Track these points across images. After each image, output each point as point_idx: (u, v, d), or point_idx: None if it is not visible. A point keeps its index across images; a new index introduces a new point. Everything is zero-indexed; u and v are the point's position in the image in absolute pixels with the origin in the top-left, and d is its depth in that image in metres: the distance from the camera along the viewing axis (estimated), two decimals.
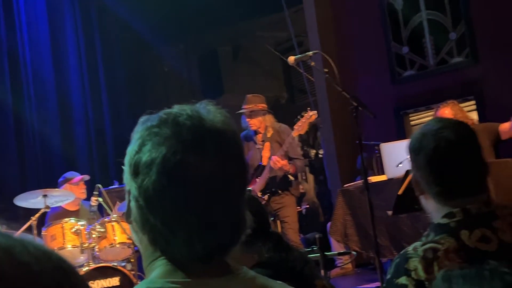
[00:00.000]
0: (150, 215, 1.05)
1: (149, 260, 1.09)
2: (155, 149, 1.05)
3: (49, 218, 5.86)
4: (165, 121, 1.08)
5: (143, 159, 1.06)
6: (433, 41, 7.06)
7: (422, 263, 1.57)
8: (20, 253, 0.62)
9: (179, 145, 1.04)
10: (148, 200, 1.05)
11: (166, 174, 1.03)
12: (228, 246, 1.08)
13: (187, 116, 1.07)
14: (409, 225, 4.95)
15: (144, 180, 1.05)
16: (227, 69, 9.01)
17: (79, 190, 6.07)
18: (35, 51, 7.57)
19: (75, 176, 6.14)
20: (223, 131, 1.08)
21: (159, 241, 1.07)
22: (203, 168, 1.04)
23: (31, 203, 5.48)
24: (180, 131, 1.05)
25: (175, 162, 1.03)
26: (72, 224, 5.41)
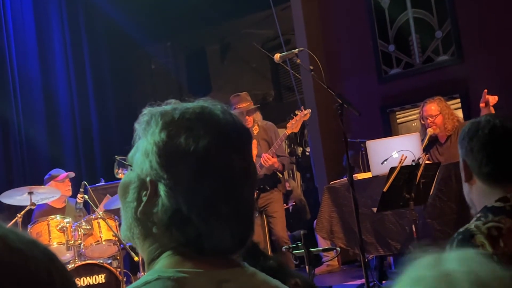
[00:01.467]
0: (184, 205, 1.05)
1: (153, 252, 1.10)
2: (192, 140, 1.06)
3: (35, 215, 5.83)
4: (200, 114, 1.09)
5: (179, 149, 1.06)
6: (419, 39, 7.10)
7: (489, 239, 1.62)
8: (13, 240, 0.66)
9: (215, 138, 1.07)
10: (184, 190, 1.05)
11: (204, 165, 1.05)
12: (249, 238, 1.12)
13: (220, 111, 1.11)
14: (394, 222, 4.98)
15: (181, 170, 1.05)
16: (215, 67, 9.01)
17: (65, 187, 6.04)
18: (22, 50, 7.53)
19: (61, 173, 6.11)
20: (246, 128, 1.14)
21: (188, 232, 1.06)
22: (236, 162, 1.08)
23: (17, 200, 5.46)
24: (216, 125, 1.08)
25: (213, 154, 1.06)
26: (58, 221, 5.39)
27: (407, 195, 4.28)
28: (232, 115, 1.12)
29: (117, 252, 5.51)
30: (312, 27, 7.45)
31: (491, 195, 1.74)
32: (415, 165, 4.29)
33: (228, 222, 1.07)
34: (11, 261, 0.64)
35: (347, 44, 7.49)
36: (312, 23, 7.47)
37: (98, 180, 6.70)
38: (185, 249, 1.07)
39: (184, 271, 1.04)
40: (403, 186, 4.28)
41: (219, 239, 1.07)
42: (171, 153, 1.07)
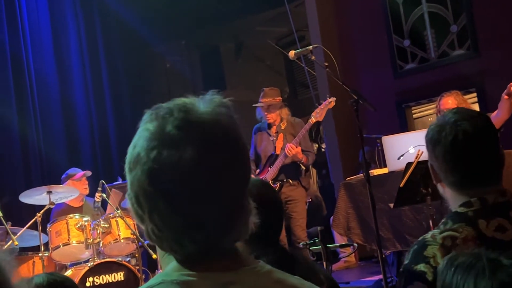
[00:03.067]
0: (140, 211, 1.05)
1: (162, 253, 1.09)
2: (139, 145, 1.05)
3: (54, 215, 5.89)
4: (154, 116, 1.06)
5: (133, 155, 1.06)
6: (434, 34, 7.06)
7: (441, 250, 1.59)
8: None
9: (158, 140, 1.02)
10: (137, 197, 1.04)
11: (146, 171, 1.01)
12: (222, 243, 1.06)
13: (174, 110, 1.05)
14: (411, 217, 4.97)
15: (132, 177, 1.05)
16: (229, 64, 9.03)
17: (82, 186, 6.09)
18: (38, 53, 7.60)
19: (77, 172, 6.16)
20: (208, 122, 1.03)
21: (152, 238, 1.06)
22: (181, 164, 1.00)
23: (36, 200, 5.52)
24: (163, 126, 1.03)
25: (152, 158, 1.01)
26: (76, 220, 5.44)
27: (424, 190, 4.26)
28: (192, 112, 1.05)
29: (135, 250, 5.55)
30: (326, 23, 7.44)
31: (457, 199, 1.71)
32: None
33: (184, 230, 1.03)
34: None
35: (361, 39, 7.47)
36: (326, 19, 7.46)
37: (115, 179, 6.75)
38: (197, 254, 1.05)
39: (189, 274, 1.03)
40: (420, 181, 4.26)
41: (180, 247, 1.04)
42: (128, 159, 1.07)
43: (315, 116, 5.54)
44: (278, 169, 5.66)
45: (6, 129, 7.18)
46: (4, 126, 7.15)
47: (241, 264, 1.08)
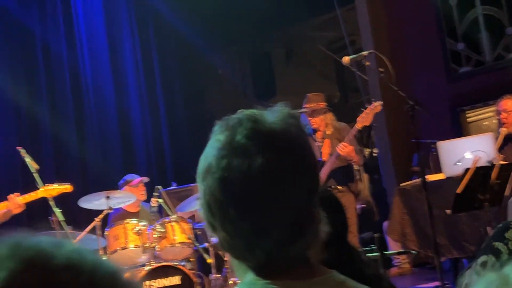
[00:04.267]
0: (212, 220, 1.09)
1: (235, 261, 1.12)
2: (210, 155, 1.08)
3: (111, 219, 6.03)
4: (224, 127, 1.10)
5: (204, 165, 1.09)
6: (489, 36, 6.94)
7: None
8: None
9: (228, 150, 1.06)
10: (209, 206, 1.08)
11: (217, 180, 1.05)
12: (291, 251, 1.07)
13: (243, 120, 1.09)
14: (468, 223, 4.90)
15: (204, 186, 1.08)
16: (280, 70, 9.06)
17: (139, 191, 6.22)
18: (95, 64, 7.81)
19: (135, 178, 6.30)
20: (276, 132, 1.07)
21: (224, 246, 1.10)
22: (251, 172, 1.03)
23: (95, 205, 5.66)
24: (233, 136, 1.07)
25: (223, 167, 1.05)
26: (134, 225, 5.56)
27: (481, 196, 4.20)
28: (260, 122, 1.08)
29: (190, 254, 5.63)
30: (378, 28, 7.40)
31: None
32: (490, 165, 4.21)
33: (252, 237, 1.05)
34: None
35: (414, 43, 7.39)
36: (378, 23, 7.42)
37: (169, 185, 6.86)
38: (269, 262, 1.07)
39: (273, 282, 1.05)
40: (478, 188, 4.20)
41: (249, 253, 1.07)
42: (199, 169, 1.10)
43: (360, 121, 5.47)
44: (327, 175, 5.59)
45: (65, 139, 7.40)
46: (63, 136, 7.38)
47: (313, 273, 1.10)
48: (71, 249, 0.68)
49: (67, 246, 0.68)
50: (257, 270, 1.09)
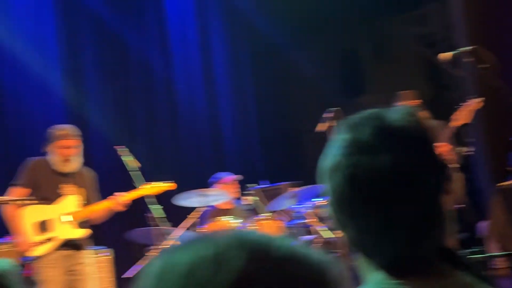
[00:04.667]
0: (341, 217, 1.10)
1: (363, 260, 1.12)
2: (337, 154, 1.10)
3: (205, 217, 6.16)
4: (349, 126, 1.12)
5: (328, 165, 1.11)
6: None
7: None
8: None
9: (354, 147, 1.08)
10: (337, 204, 1.10)
11: (345, 178, 1.07)
12: (420, 249, 1.08)
13: (368, 119, 1.11)
14: None
15: (331, 184, 1.10)
16: (368, 68, 8.95)
17: (232, 189, 6.31)
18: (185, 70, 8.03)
19: (227, 176, 6.41)
20: (402, 129, 1.08)
21: (353, 243, 1.11)
22: (379, 169, 1.05)
23: (189, 202, 5.81)
24: (359, 134, 1.09)
25: (351, 165, 1.07)
26: (227, 222, 5.65)
27: None
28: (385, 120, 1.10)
29: None
30: (473, 21, 7.15)
31: None
32: None
33: (380, 233, 1.06)
34: None
35: None
36: (473, 17, 7.17)
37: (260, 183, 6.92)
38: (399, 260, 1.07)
39: (405, 282, 1.05)
40: None
41: (378, 250, 1.07)
42: (324, 169, 1.12)
43: (455, 119, 5.32)
44: None
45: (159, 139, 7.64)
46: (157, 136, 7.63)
47: (441, 274, 1.09)
48: (288, 242, 0.72)
49: (284, 239, 0.73)
50: (387, 269, 1.09)
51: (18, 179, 4.84)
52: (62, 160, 4.83)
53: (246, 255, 0.68)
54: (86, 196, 4.95)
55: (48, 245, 4.71)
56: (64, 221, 4.76)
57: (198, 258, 0.69)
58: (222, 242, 0.71)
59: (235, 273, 0.67)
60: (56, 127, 4.96)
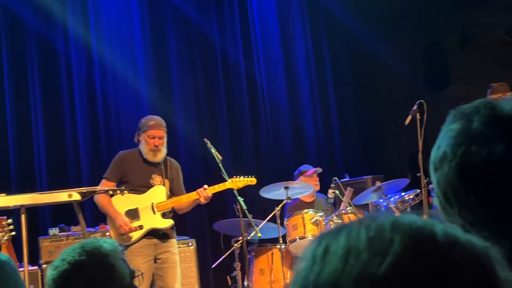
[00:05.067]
0: (449, 209, 1.07)
1: None
2: (445, 144, 1.08)
3: (288, 209, 6.20)
4: (459, 116, 1.10)
5: (438, 155, 1.09)
6: None
7: None
8: None
9: (464, 137, 1.05)
10: (446, 195, 1.07)
11: (454, 168, 1.05)
12: None
13: (479, 108, 1.08)
14: None
15: (439, 175, 1.08)
16: (453, 59, 8.70)
17: (313, 182, 6.32)
18: (270, 72, 8.08)
19: (309, 169, 6.41)
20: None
21: None
22: (492, 158, 1.02)
23: (274, 195, 5.85)
24: (469, 123, 1.06)
25: (460, 155, 1.04)
26: (311, 215, 5.67)
27: None
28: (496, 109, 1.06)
29: None
30: None
31: None
32: None
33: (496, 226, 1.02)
34: None
35: None
36: None
37: (342, 176, 6.89)
38: None
39: None
40: None
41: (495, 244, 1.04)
42: (433, 160, 1.09)
43: None
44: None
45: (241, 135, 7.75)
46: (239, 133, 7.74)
47: None
48: (444, 225, 0.71)
49: (439, 223, 0.71)
50: None
51: (107, 172, 5.02)
52: (150, 150, 4.98)
53: (401, 238, 0.67)
54: (172, 187, 5.08)
55: (137, 234, 4.87)
56: (151, 210, 4.91)
57: (353, 241, 0.69)
58: (375, 225, 0.70)
59: (391, 256, 0.66)
60: (146, 118, 5.13)
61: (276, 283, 5.74)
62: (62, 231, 5.80)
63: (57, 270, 1.76)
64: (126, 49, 7.42)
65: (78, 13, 7.12)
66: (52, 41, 7.03)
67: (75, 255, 1.78)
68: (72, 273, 1.76)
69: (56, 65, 7.05)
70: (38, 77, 6.92)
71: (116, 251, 1.88)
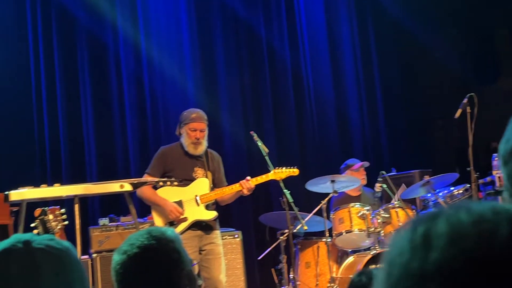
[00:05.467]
0: None
1: None
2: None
3: (334, 203, 6.17)
4: None
5: (507, 149, 1.07)
6: None
7: None
8: None
9: None
10: None
11: None
12: None
13: None
14: None
15: (509, 169, 1.06)
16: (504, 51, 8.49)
17: (360, 176, 6.28)
18: (315, 62, 8.04)
19: (356, 163, 6.37)
20: None
21: None
22: None
23: (320, 188, 5.85)
24: None
25: None
26: (358, 209, 5.65)
27: None
28: None
29: None
30: None
31: None
32: None
33: None
34: None
35: None
36: None
37: (389, 170, 6.82)
38: None
39: None
40: None
41: None
42: (503, 153, 1.07)
43: None
44: None
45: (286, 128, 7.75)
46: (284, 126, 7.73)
47: None
48: None
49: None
50: None
51: (150, 168, 5.08)
52: (191, 143, 5.02)
53: (506, 221, 0.68)
54: (214, 179, 5.12)
55: (182, 226, 4.93)
56: (195, 203, 4.95)
57: (456, 226, 0.69)
58: (474, 210, 0.70)
59: (500, 238, 0.66)
60: (188, 110, 5.17)
61: (322, 276, 5.73)
62: (112, 221, 5.93)
63: (126, 254, 1.81)
64: (173, 43, 7.50)
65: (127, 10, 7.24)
66: (102, 37, 7.18)
67: (144, 239, 1.83)
68: (142, 256, 1.80)
69: (105, 61, 7.21)
70: (89, 73, 7.08)
71: (179, 238, 1.94)
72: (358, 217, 5.62)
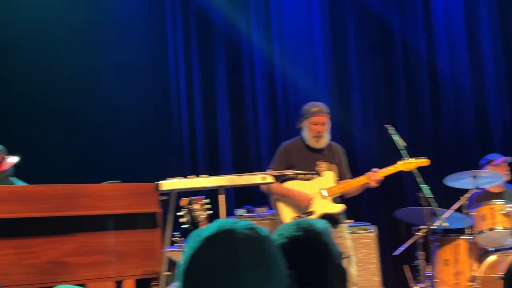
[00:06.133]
0: None
1: None
2: None
3: (474, 199, 5.93)
4: None
5: None
6: None
7: None
8: None
9: None
10: None
11: None
12: None
13: None
14: None
15: None
16: None
17: (502, 171, 5.98)
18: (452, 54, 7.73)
19: (497, 158, 6.09)
20: None
21: None
22: None
23: (461, 183, 5.65)
24: None
25: None
26: (501, 206, 5.41)
27: None
28: None
29: None
30: None
31: None
32: None
33: None
34: None
35: None
36: None
37: None
38: None
39: None
40: None
41: None
42: None
43: None
44: None
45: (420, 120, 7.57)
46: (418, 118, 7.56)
47: None
48: None
49: None
50: None
51: (273, 164, 5.11)
52: (313, 136, 5.00)
53: None
54: (338, 172, 5.06)
55: None
56: (322, 196, 4.93)
57: None
58: None
59: None
60: (309, 104, 5.14)
61: (462, 275, 5.53)
62: (248, 212, 6.09)
63: None
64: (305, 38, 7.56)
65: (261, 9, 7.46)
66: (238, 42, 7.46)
67: (292, 230, 1.86)
68: (290, 246, 1.82)
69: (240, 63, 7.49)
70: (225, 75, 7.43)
71: (328, 230, 1.93)
72: (501, 215, 5.36)
